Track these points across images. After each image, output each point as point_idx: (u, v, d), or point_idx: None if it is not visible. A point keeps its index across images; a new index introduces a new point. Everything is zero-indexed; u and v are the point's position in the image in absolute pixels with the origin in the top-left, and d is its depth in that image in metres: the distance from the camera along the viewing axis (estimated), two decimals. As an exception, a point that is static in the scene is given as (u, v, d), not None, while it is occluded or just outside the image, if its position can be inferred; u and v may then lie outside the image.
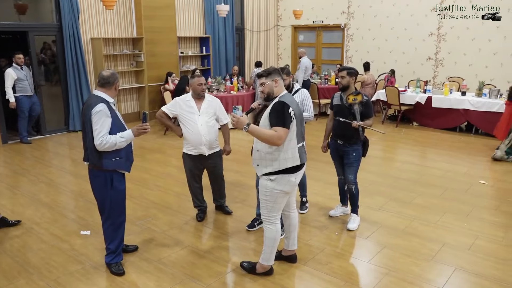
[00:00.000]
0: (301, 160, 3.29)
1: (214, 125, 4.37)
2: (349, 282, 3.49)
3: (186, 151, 4.43)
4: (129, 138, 3.40)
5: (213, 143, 4.37)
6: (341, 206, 4.78)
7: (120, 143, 3.34)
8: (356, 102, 4.22)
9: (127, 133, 3.38)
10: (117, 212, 3.59)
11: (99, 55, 9.00)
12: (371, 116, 4.33)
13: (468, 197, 5.30)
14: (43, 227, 4.52)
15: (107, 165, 3.38)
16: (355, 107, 4.22)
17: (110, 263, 3.64)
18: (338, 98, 4.40)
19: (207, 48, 11.38)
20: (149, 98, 10.02)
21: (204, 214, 4.73)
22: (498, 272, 3.61)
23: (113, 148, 3.32)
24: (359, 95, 4.23)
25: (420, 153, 7.62)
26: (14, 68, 7.59)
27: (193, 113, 4.28)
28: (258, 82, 3.35)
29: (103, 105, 3.30)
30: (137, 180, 5.89)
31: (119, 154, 3.42)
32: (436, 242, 4.14)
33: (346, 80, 4.28)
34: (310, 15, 12.95)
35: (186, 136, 4.35)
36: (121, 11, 9.53)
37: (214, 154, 4.44)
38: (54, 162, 6.93)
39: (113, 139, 3.30)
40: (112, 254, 3.63)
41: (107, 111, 3.30)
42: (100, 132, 3.26)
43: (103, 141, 3.26)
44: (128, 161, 3.55)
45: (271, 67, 3.40)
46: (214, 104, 4.39)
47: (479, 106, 8.38)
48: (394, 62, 11.49)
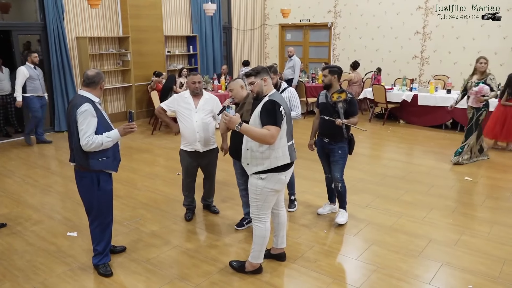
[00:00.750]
0: (291, 158, 3.31)
1: (210, 123, 4.36)
2: (337, 279, 3.52)
3: (182, 147, 4.46)
4: (116, 138, 3.36)
5: (208, 141, 4.36)
6: (329, 204, 4.81)
7: (107, 143, 3.31)
8: (340, 100, 4.25)
9: (114, 133, 3.35)
10: (104, 212, 3.56)
11: (85, 54, 8.89)
12: (355, 114, 4.37)
13: (453, 194, 5.37)
14: (29, 229, 4.46)
15: (93, 166, 3.35)
16: (339, 105, 4.26)
17: (97, 264, 3.61)
18: (324, 96, 4.43)
19: (194, 47, 11.33)
20: (136, 98, 9.94)
21: (193, 213, 4.73)
22: (484, 267, 3.66)
23: (100, 148, 3.29)
24: (343, 93, 4.26)
25: (406, 150, 7.70)
26: (27, 66, 7.38)
27: (189, 110, 4.30)
28: (247, 81, 3.35)
29: (88, 105, 3.26)
30: (124, 180, 5.84)
31: (106, 154, 3.39)
32: (423, 238, 4.19)
33: (328, 78, 4.32)
34: (297, 14, 12.98)
35: (182, 133, 4.38)
36: (107, 9, 9.43)
37: (209, 152, 4.44)
38: (39, 163, 6.84)
39: (99, 139, 3.26)
40: (100, 255, 3.60)
41: (93, 110, 3.27)
42: (86, 132, 3.23)
43: (89, 141, 3.23)
44: (115, 161, 3.52)
45: (259, 66, 3.41)
46: (211, 101, 4.39)
47: (464, 103, 8.46)
48: (380, 61, 11.58)
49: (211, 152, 4.47)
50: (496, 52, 9.90)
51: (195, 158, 4.44)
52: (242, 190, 4.30)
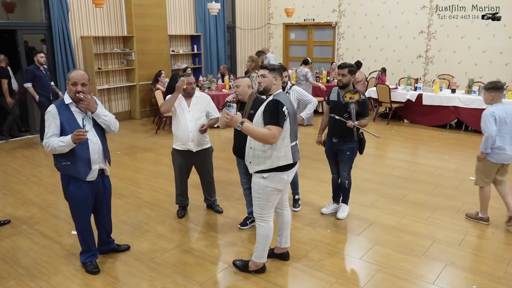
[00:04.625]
0: (293, 159, 3.30)
1: (203, 122, 4.39)
2: (341, 279, 3.51)
3: (175, 146, 4.48)
4: (69, 144, 3.16)
5: (201, 140, 4.39)
6: (332, 203, 4.80)
7: (60, 147, 3.17)
8: (353, 101, 4.17)
9: (67, 139, 3.16)
10: (78, 216, 3.51)
11: (89, 53, 8.93)
12: (366, 116, 4.32)
13: (458, 194, 5.35)
14: (33, 227, 4.48)
15: (59, 168, 3.38)
16: (351, 106, 4.18)
17: (84, 262, 3.62)
18: (336, 94, 4.35)
19: (198, 46, 11.35)
20: (140, 97, 9.96)
21: (185, 210, 4.79)
22: (488, 268, 3.65)
23: (55, 152, 3.22)
24: (356, 94, 4.18)
25: (411, 150, 7.68)
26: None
27: (183, 109, 4.34)
28: (259, 73, 3.34)
29: (53, 106, 3.28)
30: (128, 180, 5.86)
31: (70, 159, 3.28)
32: (427, 238, 4.18)
33: (347, 78, 4.22)
34: (301, 13, 12.96)
35: (175, 132, 4.42)
36: (111, 9, 9.46)
37: (202, 151, 4.47)
38: (44, 162, 6.87)
39: (54, 143, 3.18)
40: (86, 253, 3.62)
41: (55, 112, 3.23)
42: (47, 133, 3.24)
43: (46, 143, 3.22)
44: (82, 167, 3.31)
45: (276, 64, 3.39)
46: (202, 99, 4.43)
47: (468, 103, 8.46)
48: (384, 60, 11.55)
49: (205, 151, 4.50)
50: (502, 51, 9.84)
51: (189, 158, 4.46)
52: (245, 189, 4.30)
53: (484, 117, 4.20)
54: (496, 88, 4.20)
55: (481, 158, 4.32)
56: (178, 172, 4.57)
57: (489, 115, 4.17)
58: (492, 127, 4.14)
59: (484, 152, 4.25)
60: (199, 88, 9.00)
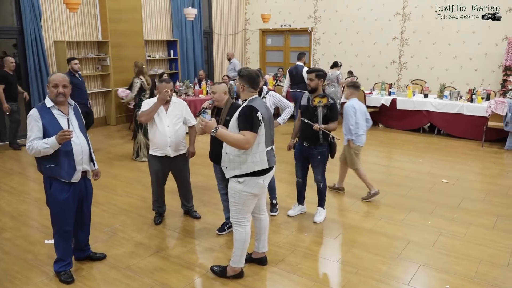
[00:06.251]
0: (269, 164, 3.31)
1: (180, 127, 4.39)
2: (318, 282, 3.54)
3: (152, 152, 4.45)
4: (53, 145, 3.15)
5: (179, 145, 4.38)
6: (298, 205, 4.87)
7: (45, 149, 3.16)
8: (321, 104, 4.28)
9: (51, 140, 3.15)
10: (59, 222, 3.45)
11: (63, 59, 8.74)
12: (335, 120, 4.41)
13: (431, 196, 5.48)
14: (4, 237, 4.35)
15: (43, 171, 3.35)
16: (318, 110, 4.29)
17: (58, 271, 3.54)
18: (306, 98, 4.46)
19: (175, 51, 11.29)
20: (116, 103, 9.83)
21: (162, 217, 4.74)
22: (461, 268, 3.75)
23: (39, 154, 3.20)
24: (324, 98, 4.29)
25: (385, 154, 7.82)
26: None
27: (160, 115, 4.32)
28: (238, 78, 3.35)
29: (34, 109, 3.26)
30: (104, 186, 5.76)
31: (54, 161, 3.26)
32: (401, 240, 4.27)
33: (314, 82, 4.34)
34: (278, 19, 13.08)
35: (152, 138, 4.39)
36: (86, 13, 9.32)
37: (179, 157, 4.45)
38: (16, 170, 6.69)
39: (38, 145, 3.16)
40: (61, 261, 3.54)
41: (37, 115, 3.23)
42: (30, 137, 3.22)
43: (30, 146, 3.20)
44: (66, 169, 3.31)
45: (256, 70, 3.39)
46: (179, 106, 4.42)
47: (440, 107, 8.69)
48: (359, 66, 11.75)
49: (182, 156, 4.49)
50: (471, 57, 10.16)
51: (166, 163, 4.44)
52: (223, 195, 4.30)
53: (346, 110, 5.03)
54: (355, 87, 5.19)
55: (352, 145, 5.11)
56: (155, 178, 4.54)
57: (350, 108, 5.02)
58: (353, 118, 5.02)
59: (351, 139, 5.09)
60: (176, 94, 8.95)
